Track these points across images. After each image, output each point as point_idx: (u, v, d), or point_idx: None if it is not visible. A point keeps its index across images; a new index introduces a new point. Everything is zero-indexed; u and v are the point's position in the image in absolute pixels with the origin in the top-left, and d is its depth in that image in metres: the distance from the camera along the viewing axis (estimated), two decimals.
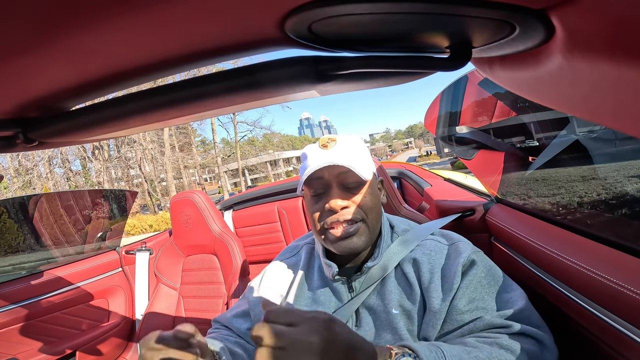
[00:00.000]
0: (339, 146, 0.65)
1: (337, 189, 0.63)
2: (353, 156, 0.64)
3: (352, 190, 0.63)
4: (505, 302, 0.57)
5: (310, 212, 0.66)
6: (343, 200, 0.62)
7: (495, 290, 0.59)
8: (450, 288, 0.57)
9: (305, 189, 0.67)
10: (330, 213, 0.62)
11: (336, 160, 0.61)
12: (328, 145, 0.66)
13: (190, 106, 0.34)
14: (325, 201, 0.63)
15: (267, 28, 0.24)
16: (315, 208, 0.64)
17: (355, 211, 0.62)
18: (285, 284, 0.72)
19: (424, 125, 1.32)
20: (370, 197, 0.64)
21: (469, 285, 0.57)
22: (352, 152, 0.65)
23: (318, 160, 0.62)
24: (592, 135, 0.69)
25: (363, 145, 0.71)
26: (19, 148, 0.40)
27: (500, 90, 0.86)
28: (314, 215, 0.65)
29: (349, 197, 0.63)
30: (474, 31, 0.25)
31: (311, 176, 0.63)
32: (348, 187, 0.63)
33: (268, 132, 29.58)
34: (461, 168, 9.86)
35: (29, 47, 0.21)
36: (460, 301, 0.56)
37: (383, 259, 0.64)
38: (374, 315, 0.62)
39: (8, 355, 1.38)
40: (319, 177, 0.63)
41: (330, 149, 0.65)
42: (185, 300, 1.57)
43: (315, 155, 0.65)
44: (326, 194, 0.64)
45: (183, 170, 22.01)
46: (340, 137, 0.68)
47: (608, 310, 0.48)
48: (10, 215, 1.68)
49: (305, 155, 0.69)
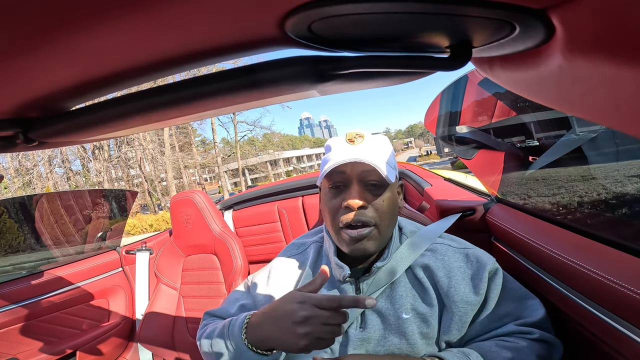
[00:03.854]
0: (366, 143, 0.64)
1: (357, 186, 0.61)
2: (379, 155, 0.62)
3: (372, 190, 0.62)
4: (527, 308, 0.60)
5: (326, 205, 0.64)
6: (361, 199, 0.60)
7: (518, 296, 0.61)
8: (477, 293, 0.59)
9: (324, 181, 0.65)
10: (346, 211, 0.61)
11: (363, 157, 0.59)
12: (355, 141, 0.64)
13: (190, 106, 0.34)
14: (343, 197, 0.61)
15: (267, 28, 0.24)
16: (333, 203, 0.63)
17: (371, 214, 0.60)
18: (291, 282, 0.71)
19: (424, 125, 1.32)
20: (389, 202, 0.62)
21: (496, 292, 0.60)
22: (379, 151, 0.64)
23: (344, 154, 0.61)
24: (593, 135, 0.69)
25: (390, 147, 0.69)
26: (19, 148, 0.40)
27: (500, 90, 0.86)
28: (330, 210, 0.63)
29: (368, 197, 0.61)
30: (474, 31, 0.25)
31: (334, 170, 0.61)
32: (369, 186, 0.62)
33: (268, 132, 29.58)
34: (461, 168, 9.86)
35: (29, 47, 0.21)
36: (487, 307, 0.59)
37: (392, 262, 0.64)
38: (381, 318, 0.61)
39: (8, 355, 1.38)
40: (341, 171, 0.61)
41: (356, 145, 0.63)
42: (185, 300, 1.57)
43: (341, 148, 0.64)
44: (345, 189, 0.62)
45: (183, 170, 22.00)
46: (367, 134, 0.66)
47: (608, 310, 0.48)
48: (11, 215, 1.68)
49: (330, 147, 0.67)
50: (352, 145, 0.64)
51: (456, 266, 0.62)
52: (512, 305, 0.60)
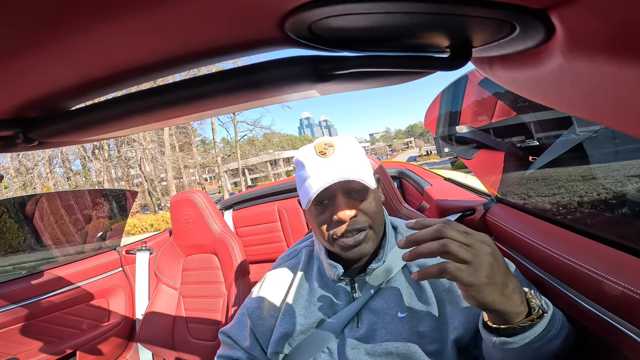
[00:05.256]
0: (337, 153, 0.63)
1: (342, 198, 0.61)
2: (355, 163, 0.62)
3: (356, 197, 0.62)
4: None
5: (315, 222, 0.64)
6: (350, 209, 0.60)
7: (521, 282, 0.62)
8: None
9: None
10: (338, 223, 0.61)
11: (342, 173, 0.58)
12: (327, 153, 0.62)
13: (190, 106, 0.34)
14: (331, 211, 0.61)
15: (267, 28, 0.24)
16: (322, 219, 0.63)
17: (363, 219, 0.61)
18: (284, 286, 0.71)
19: (424, 124, 1.32)
20: (375, 202, 0.63)
21: None
22: (353, 157, 0.64)
23: (320, 173, 0.60)
24: (593, 135, 0.69)
25: (359, 147, 0.69)
26: (19, 148, 0.40)
27: (500, 89, 0.85)
28: (321, 227, 0.63)
29: (355, 204, 0.61)
30: (474, 31, 0.25)
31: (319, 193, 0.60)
32: (352, 193, 0.62)
33: (268, 132, 29.56)
34: (461, 167, 9.85)
35: (29, 47, 0.21)
36: None
37: (387, 261, 0.64)
38: (377, 317, 0.61)
39: (8, 355, 1.38)
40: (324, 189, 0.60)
41: (329, 157, 0.62)
42: (185, 299, 1.57)
43: (316, 165, 0.62)
44: (331, 203, 0.62)
45: (183, 170, 22.00)
46: (337, 142, 0.64)
47: (608, 309, 0.48)
48: (11, 215, 1.68)
49: (302, 164, 0.65)
50: (325, 159, 0.62)
51: None
52: None
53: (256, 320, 0.69)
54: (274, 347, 0.65)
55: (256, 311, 0.70)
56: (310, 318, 0.64)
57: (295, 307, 0.66)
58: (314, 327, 0.63)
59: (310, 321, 0.63)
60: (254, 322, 0.70)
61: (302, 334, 0.63)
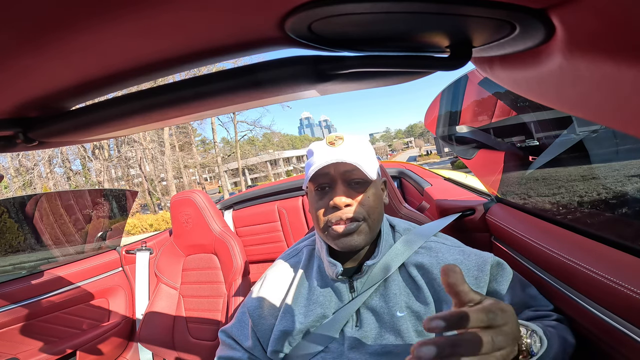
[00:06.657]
0: (346, 144, 0.66)
1: (342, 186, 0.63)
2: (359, 155, 0.64)
3: (356, 189, 0.64)
4: (533, 297, 0.62)
5: (314, 207, 0.66)
6: (347, 197, 0.62)
7: (523, 287, 0.63)
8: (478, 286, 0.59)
9: (310, 185, 0.67)
10: (334, 210, 0.62)
11: (343, 157, 0.61)
12: (335, 143, 0.66)
13: (190, 106, 0.34)
14: (329, 197, 0.63)
15: (267, 28, 0.24)
16: (320, 204, 0.65)
17: (358, 210, 0.62)
18: (284, 285, 0.72)
19: (424, 124, 1.32)
20: (374, 197, 0.64)
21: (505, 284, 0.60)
22: (359, 151, 0.66)
23: (325, 157, 0.63)
24: (593, 134, 0.69)
25: (369, 146, 0.72)
26: (19, 148, 0.40)
27: (501, 89, 0.85)
28: (318, 211, 0.65)
29: (353, 195, 0.63)
30: (474, 31, 0.25)
31: (317, 172, 0.63)
32: (353, 184, 0.64)
33: (268, 132, 29.60)
34: (461, 167, 9.86)
35: (29, 47, 0.21)
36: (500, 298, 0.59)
37: (385, 259, 0.64)
38: (376, 317, 0.61)
39: (9, 355, 1.38)
40: (324, 173, 0.63)
41: (337, 147, 0.65)
42: (185, 299, 1.57)
43: (322, 152, 0.66)
44: (331, 190, 0.64)
45: (183, 170, 22.00)
46: (347, 136, 0.68)
47: (608, 309, 0.48)
48: (11, 214, 1.68)
49: (312, 152, 0.69)
50: (332, 148, 0.66)
51: (451, 259, 0.62)
52: (521, 295, 0.62)
53: (257, 319, 0.69)
54: (274, 346, 0.65)
55: (257, 310, 0.70)
56: (310, 317, 0.64)
57: (295, 305, 0.66)
58: (313, 326, 0.64)
59: (310, 320, 0.63)
60: (254, 321, 0.70)
61: (302, 332, 0.64)
